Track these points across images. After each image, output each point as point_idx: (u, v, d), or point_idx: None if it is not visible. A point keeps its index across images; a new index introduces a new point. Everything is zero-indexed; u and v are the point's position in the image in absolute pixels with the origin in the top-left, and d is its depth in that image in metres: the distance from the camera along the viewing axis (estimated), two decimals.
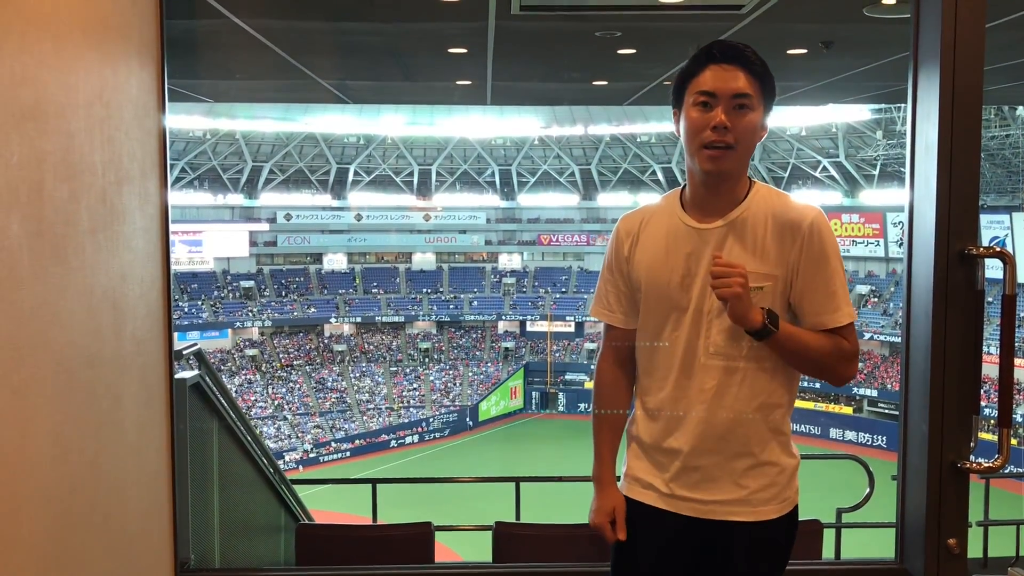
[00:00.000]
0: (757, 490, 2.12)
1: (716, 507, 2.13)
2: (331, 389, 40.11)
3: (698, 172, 2.09)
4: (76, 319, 2.01)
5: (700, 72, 2.05)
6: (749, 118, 2.03)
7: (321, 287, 43.99)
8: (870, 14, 5.02)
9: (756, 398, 2.10)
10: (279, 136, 41.80)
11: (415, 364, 42.70)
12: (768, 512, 2.13)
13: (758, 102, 2.05)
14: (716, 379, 2.09)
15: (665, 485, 2.17)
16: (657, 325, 2.15)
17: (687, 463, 2.13)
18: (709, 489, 2.13)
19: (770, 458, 2.13)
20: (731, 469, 2.11)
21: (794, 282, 2.07)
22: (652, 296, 2.15)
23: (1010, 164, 33.92)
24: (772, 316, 2.01)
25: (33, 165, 1.79)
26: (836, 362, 2.08)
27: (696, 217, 2.12)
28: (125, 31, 2.33)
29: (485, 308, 44.72)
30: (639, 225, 2.21)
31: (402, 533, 3.95)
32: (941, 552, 2.47)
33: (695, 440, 2.11)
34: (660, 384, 2.16)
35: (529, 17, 5.20)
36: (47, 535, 1.89)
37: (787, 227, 2.06)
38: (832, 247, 2.07)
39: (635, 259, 2.19)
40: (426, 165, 44.81)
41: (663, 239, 2.15)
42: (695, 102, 2.05)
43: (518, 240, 46.35)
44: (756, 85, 2.05)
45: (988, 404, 18.26)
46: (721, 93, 2.02)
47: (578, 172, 45.14)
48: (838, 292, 2.07)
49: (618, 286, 2.25)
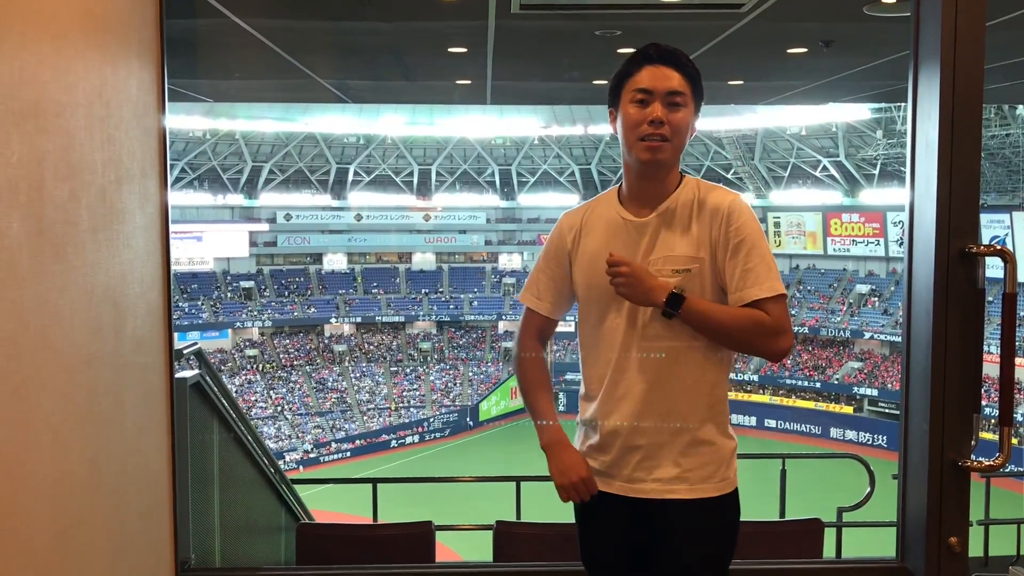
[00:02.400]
0: (694, 468, 2.22)
1: (657, 485, 2.23)
2: (331, 389, 40.11)
3: (635, 164, 2.26)
4: (76, 318, 2.01)
5: (637, 72, 2.22)
6: (682, 114, 2.20)
7: (321, 287, 43.98)
8: (870, 13, 5.02)
9: (691, 375, 2.22)
10: (279, 136, 41.78)
11: (415, 364, 42.70)
12: (706, 490, 2.23)
13: (690, 100, 2.21)
14: (653, 360, 2.22)
15: (608, 468, 2.28)
16: (599, 313, 2.29)
17: (628, 443, 2.25)
18: (649, 468, 2.23)
19: (707, 437, 2.24)
20: (670, 448, 2.22)
21: (716, 261, 2.20)
22: (593, 286, 2.28)
23: (1010, 163, 33.91)
24: (674, 297, 2.14)
25: (33, 164, 1.79)
26: (758, 337, 2.17)
27: (632, 211, 2.30)
28: (125, 30, 2.33)
29: (485, 308, 44.72)
30: (581, 219, 2.38)
31: (402, 532, 3.95)
32: (942, 551, 2.47)
33: (635, 418, 2.23)
34: (602, 369, 2.28)
35: (529, 16, 5.20)
36: (47, 535, 1.88)
37: (709, 211, 2.22)
38: (749, 227, 2.19)
39: (578, 251, 2.34)
40: (426, 165, 44.79)
41: (603, 232, 2.31)
42: (632, 99, 2.21)
43: (518, 240, 46.34)
44: (688, 85, 2.20)
45: (989, 403, 18.26)
46: (657, 90, 2.18)
47: (578, 172, 45.13)
48: (756, 267, 2.17)
49: (553, 276, 2.40)
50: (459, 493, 13.56)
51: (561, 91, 10.30)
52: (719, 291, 2.22)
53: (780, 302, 2.17)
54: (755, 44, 6.13)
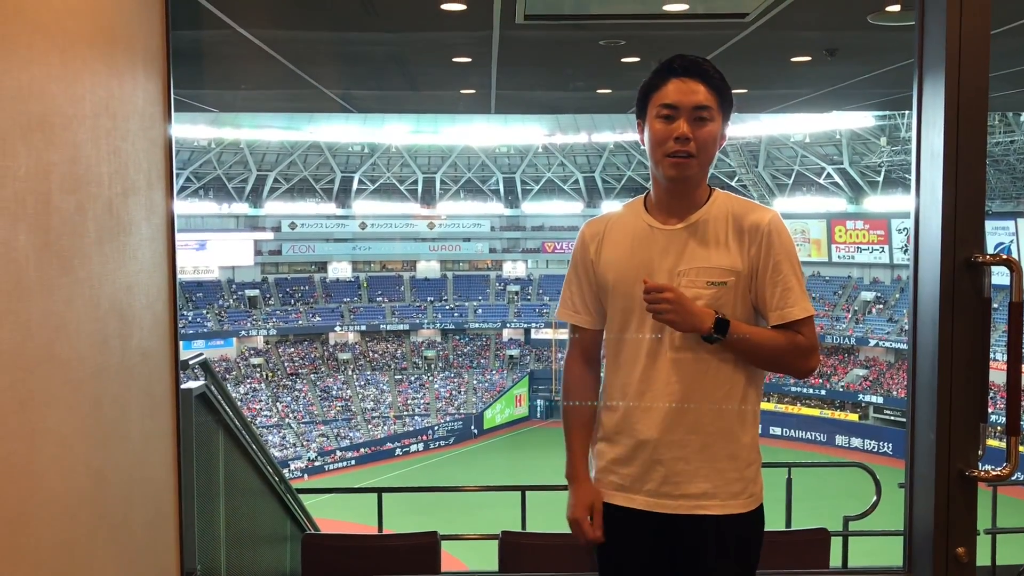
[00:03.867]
0: (724, 484, 2.18)
1: (684, 501, 2.18)
2: (336, 397, 40.10)
3: (662, 179, 2.22)
4: (83, 330, 2.01)
5: (663, 85, 2.19)
6: (709, 128, 2.17)
7: (326, 295, 44.03)
8: (874, 22, 5.02)
9: (720, 388, 2.18)
10: (283, 145, 41.88)
11: (420, 372, 42.68)
12: (736, 506, 2.19)
13: (717, 113, 2.18)
14: (681, 372, 2.17)
15: (634, 483, 2.22)
16: (623, 321, 2.25)
17: (655, 456, 2.19)
18: (676, 483, 2.18)
19: (737, 452, 2.20)
20: (698, 462, 2.17)
21: (754, 279, 2.17)
22: (619, 293, 2.25)
23: (1015, 170, 33.86)
24: (720, 323, 2.10)
25: (40, 177, 1.80)
26: (793, 357, 2.16)
27: (660, 220, 2.25)
28: (131, 42, 2.34)
29: (490, 316, 44.71)
30: (604, 228, 2.33)
31: (408, 543, 3.95)
32: (949, 561, 2.46)
33: (662, 432, 2.17)
34: (627, 379, 2.23)
35: (533, 26, 5.21)
36: (54, 546, 1.88)
37: (747, 227, 2.18)
38: (789, 246, 2.18)
39: (602, 259, 2.30)
40: (430, 173, 44.87)
41: (628, 239, 2.27)
42: (658, 114, 2.18)
43: (522, 248, 46.36)
44: (715, 97, 2.17)
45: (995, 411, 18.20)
46: (683, 105, 2.15)
47: (582, 180, 45.17)
48: (794, 288, 2.15)
49: (583, 288, 2.35)
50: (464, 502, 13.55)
51: (565, 100, 10.31)
52: (750, 307, 2.19)
53: (811, 322, 2.18)
54: (760, 53, 6.14)
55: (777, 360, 2.17)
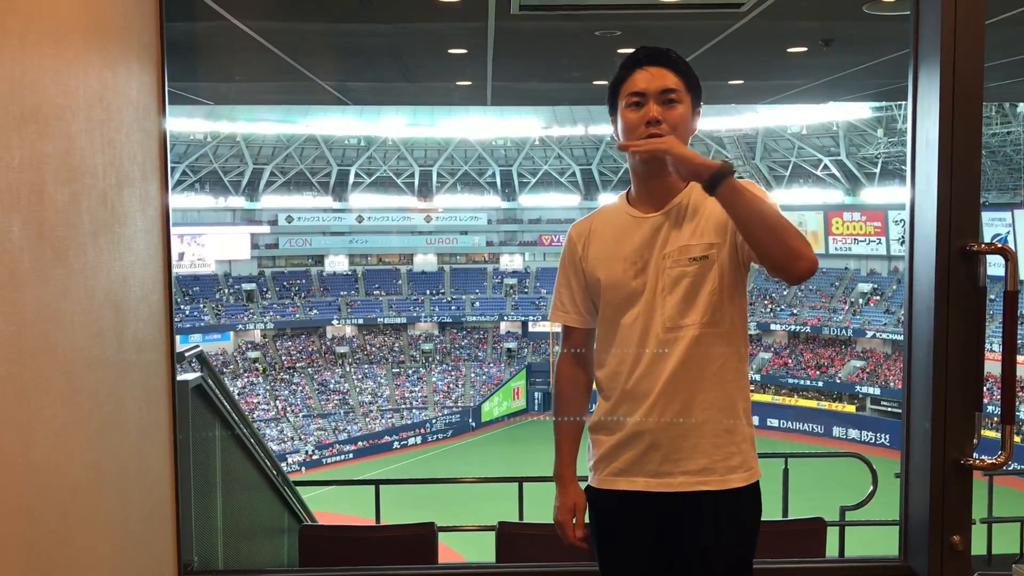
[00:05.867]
0: (723, 458, 2.20)
1: (685, 478, 2.20)
2: (333, 391, 40.11)
3: (639, 165, 2.26)
4: (78, 321, 2.01)
5: (630, 76, 2.24)
6: (679, 110, 2.21)
7: (323, 289, 43.99)
8: (870, 11, 5.02)
9: (712, 363, 2.20)
10: (280, 138, 41.79)
11: (417, 365, 42.70)
12: (735, 480, 2.21)
13: (685, 95, 2.22)
14: (674, 351, 2.19)
15: (631, 466, 2.25)
16: (616, 311, 2.28)
17: (653, 438, 2.21)
18: (676, 461, 2.20)
19: (732, 426, 2.22)
20: (696, 438, 2.20)
21: (730, 232, 2.17)
22: (609, 285, 2.28)
23: (1011, 161, 33.89)
24: (724, 167, 2.06)
25: (34, 168, 1.80)
26: (786, 227, 2.01)
27: (641, 210, 2.29)
28: (125, 34, 2.33)
29: (487, 309, 44.72)
30: (589, 226, 2.38)
31: (405, 534, 3.96)
32: (945, 549, 2.47)
33: (658, 412, 2.20)
34: (619, 367, 2.26)
35: (529, 17, 5.20)
36: (50, 537, 1.89)
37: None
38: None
39: (590, 255, 2.34)
40: (427, 166, 44.80)
41: (613, 232, 2.32)
42: (628, 104, 2.23)
43: (519, 241, 46.33)
44: (682, 81, 2.22)
45: (990, 401, 18.24)
46: (650, 91, 2.20)
47: (579, 172, 45.13)
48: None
49: (572, 287, 2.39)
50: (462, 494, 13.56)
51: (561, 92, 10.30)
52: (737, 270, 2.19)
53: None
54: (755, 43, 6.13)
55: (775, 225, 2.01)
